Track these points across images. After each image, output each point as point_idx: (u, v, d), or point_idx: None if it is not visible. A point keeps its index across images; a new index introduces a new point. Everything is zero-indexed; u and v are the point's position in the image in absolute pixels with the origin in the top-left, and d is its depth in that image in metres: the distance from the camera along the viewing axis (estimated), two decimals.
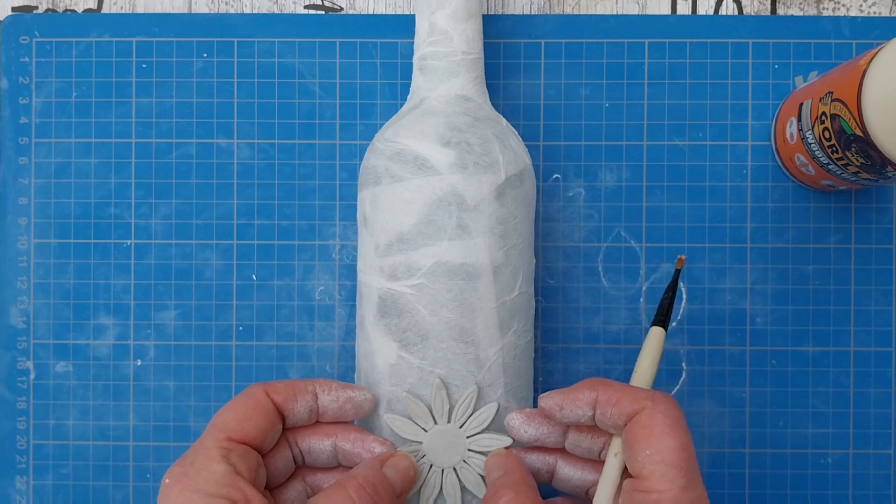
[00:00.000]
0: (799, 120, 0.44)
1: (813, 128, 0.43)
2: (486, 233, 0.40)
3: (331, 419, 0.40)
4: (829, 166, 0.43)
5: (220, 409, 0.37)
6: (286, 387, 0.38)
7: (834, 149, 0.41)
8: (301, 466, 0.41)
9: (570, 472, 0.40)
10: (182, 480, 0.34)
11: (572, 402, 0.37)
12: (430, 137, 0.41)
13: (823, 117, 0.41)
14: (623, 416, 0.36)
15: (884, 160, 0.38)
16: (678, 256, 0.42)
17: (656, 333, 0.39)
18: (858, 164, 0.40)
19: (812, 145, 0.43)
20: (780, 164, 0.48)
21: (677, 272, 0.40)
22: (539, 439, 0.40)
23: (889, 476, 0.48)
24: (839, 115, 0.39)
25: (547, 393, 0.38)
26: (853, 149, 0.40)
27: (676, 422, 0.35)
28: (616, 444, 0.37)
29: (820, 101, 0.42)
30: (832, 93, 0.40)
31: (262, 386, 0.38)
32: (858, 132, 0.38)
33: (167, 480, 0.34)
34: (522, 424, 0.40)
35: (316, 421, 0.40)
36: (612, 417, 0.36)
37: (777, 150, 0.48)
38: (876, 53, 0.38)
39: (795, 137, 0.45)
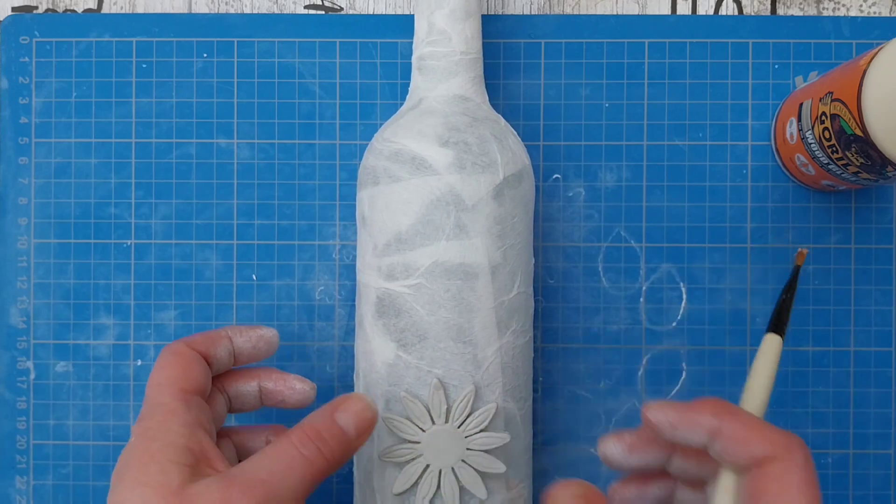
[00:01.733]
0: (799, 120, 0.44)
1: (813, 128, 0.43)
2: (484, 233, 0.40)
3: (247, 360, 0.41)
4: (829, 166, 0.43)
5: (154, 370, 0.38)
6: (203, 337, 0.40)
7: (834, 149, 0.41)
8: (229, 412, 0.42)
9: (687, 497, 0.37)
10: (148, 436, 0.34)
11: (689, 426, 0.33)
12: (429, 137, 0.41)
13: (823, 117, 0.41)
14: (750, 459, 0.32)
15: (884, 160, 0.38)
16: (798, 250, 0.38)
17: (773, 343, 0.35)
18: (858, 164, 0.40)
19: (812, 145, 0.43)
20: (780, 164, 0.48)
21: (797, 269, 0.37)
22: (642, 467, 0.37)
23: (889, 476, 0.48)
24: (839, 115, 0.39)
25: (657, 404, 0.34)
26: (853, 149, 0.39)
27: (811, 481, 0.31)
28: (728, 480, 0.33)
29: (820, 101, 0.42)
30: (832, 93, 0.40)
31: (181, 341, 0.39)
32: (858, 132, 0.38)
33: (132, 439, 0.34)
34: (624, 455, 0.36)
35: (234, 363, 0.41)
36: (735, 456, 0.32)
37: (777, 150, 0.48)
38: (876, 53, 0.38)
39: (795, 137, 0.45)
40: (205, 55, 0.50)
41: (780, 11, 0.50)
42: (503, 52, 0.49)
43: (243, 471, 0.33)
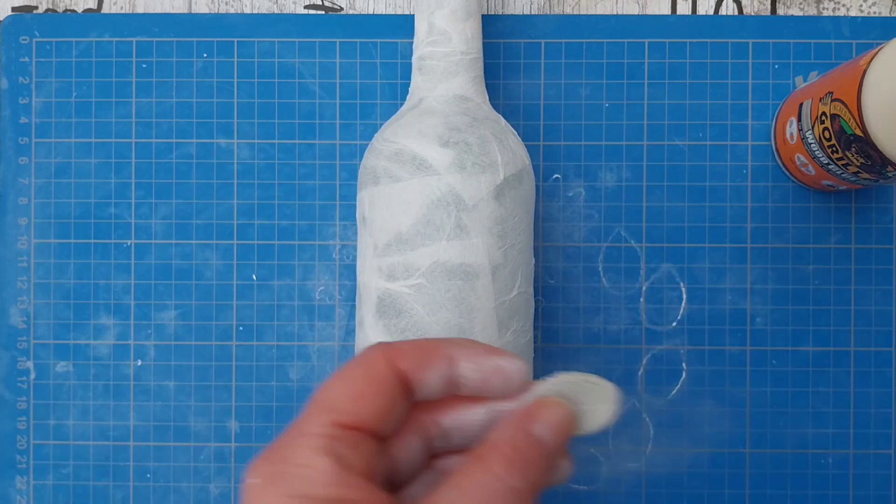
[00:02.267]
0: (799, 120, 0.44)
1: (813, 128, 0.43)
2: (485, 233, 0.40)
3: (470, 393, 0.30)
4: (829, 166, 0.43)
5: (327, 382, 0.29)
6: (416, 350, 0.29)
7: (834, 149, 0.41)
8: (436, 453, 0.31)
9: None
10: (276, 482, 0.26)
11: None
12: (429, 137, 0.41)
13: (823, 117, 0.41)
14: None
15: (884, 160, 0.38)
16: None
17: None
18: (858, 164, 0.40)
19: (812, 145, 0.43)
20: (780, 164, 0.48)
21: None
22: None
23: (889, 476, 0.48)
24: (839, 115, 0.39)
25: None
26: (853, 149, 0.39)
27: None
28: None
29: (820, 101, 0.42)
30: (832, 93, 0.40)
31: (384, 350, 0.29)
32: (858, 132, 0.38)
33: (257, 480, 0.26)
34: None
35: (453, 395, 0.30)
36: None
37: (777, 150, 0.48)
38: (876, 53, 0.38)
39: (795, 137, 0.45)
40: (205, 55, 0.50)
41: (780, 11, 0.50)
42: (503, 52, 0.49)
43: None
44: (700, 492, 0.48)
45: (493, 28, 0.49)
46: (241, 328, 0.49)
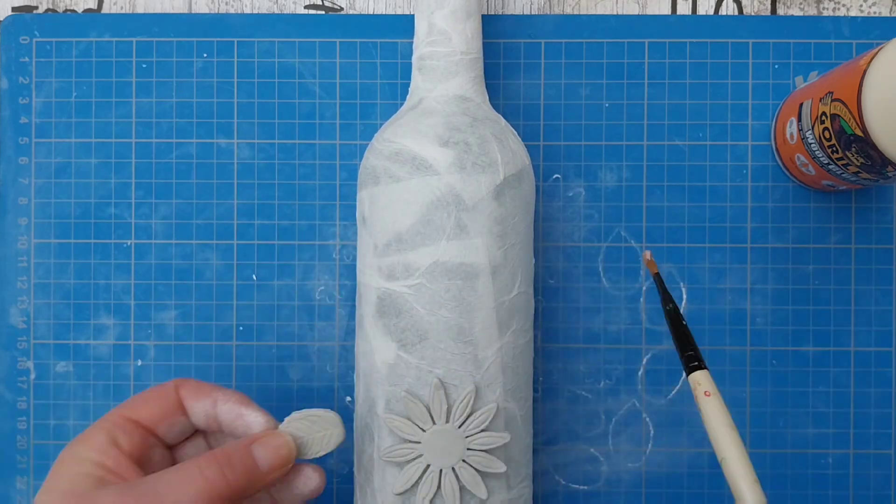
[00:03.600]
0: (799, 120, 0.44)
1: (813, 128, 0.43)
2: (485, 233, 0.40)
3: (226, 430, 0.40)
4: (830, 166, 0.43)
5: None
6: (194, 386, 0.40)
7: (834, 149, 0.41)
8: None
9: None
10: (72, 446, 0.37)
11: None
12: (429, 137, 0.41)
13: (823, 117, 0.41)
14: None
15: (884, 160, 0.38)
16: (644, 254, 0.41)
17: (704, 382, 0.37)
18: (858, 164, 0.40)
19: (812, 145, 0.43)
20: (781, 164, 0.48)
21: (656, 277, 0.39)
22: None
23: (889, 476, 0.48)
24: (839, 115, 0.39)
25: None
26: (853, 149, 0.39)
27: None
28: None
29: (820, 101, 0.42)
30: (832, 93, 0.40)
31: (178, 381, 0.40)
32: (858, 132, 0.38)
33: (60, 454, 0.38)
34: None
35: (214, 425, 0.41)
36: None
37: (777, 150, 0.48)
38: (876, 53, 0.38)
39: (795, 137, 0.45)
40: (205, 55, 0.50)
41: (780, 11, 0.50)
42: (503, 52, 0.49)
43: (144, 482, 0.35)
44: (700, 492, 0.48)
45: (493, 28, 0.49)
46: (241, 328, 0.49)
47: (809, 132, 0.43)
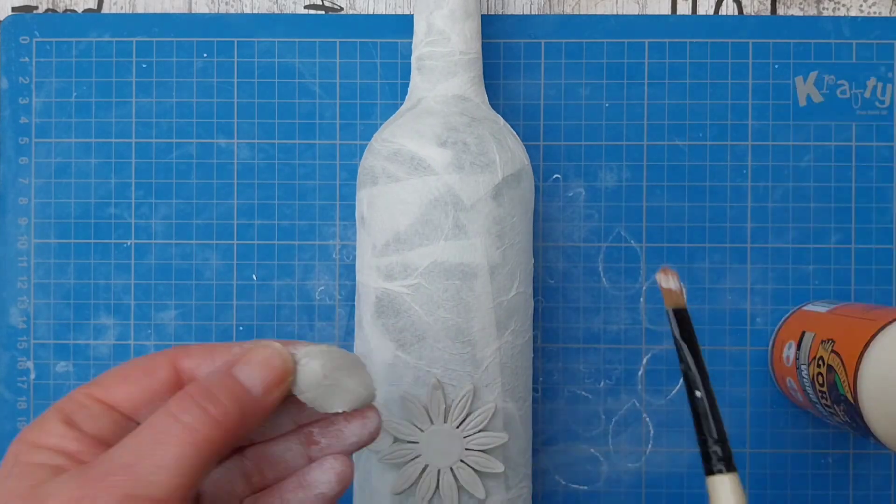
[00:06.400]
0: (798, 348, 0.43)
1: (809, 365, 0.41)
2: (483, 233, 0.40)
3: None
4: (817, 405, 0.42)
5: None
6: (203, 349, 0.31)
7: (824, 396, 0.40)
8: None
9: None
10: (23, 433, 0.29)
11: None
12: (427, 137, 0.41)
13: (820, 362, 0.40)
14: None
15: (870, 432, 0.37)
16: (662, 278, 0.32)
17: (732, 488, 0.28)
18: (844, 421, 0.39)
19: (805, 379, 0.42)
20: (771, 372, 0.48)
21: (683, 320, 0.30)
22: None
23: (889, 476, 0.48)
24: (835, 371, 0.38)
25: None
26: (842, 407, 0.38)
27: None
28: None
29: (822, 343, 0.40)
30: (834, 341, 0.39)
31: (170, 351, 0.30)
32: (850, 398, 0.37)
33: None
34: None
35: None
36: None
37: (772, 364, 0.47)
38: (883, 327, 0.36)
39: (791, 361, 0.44)
40: (205, 55, 0.50)
41: (780, 11, 0.50)
42: (503, 52, 0.49)
43: (105, 457, 0.26)
44: (700, 492, 0.48)
45: (493, 28, 0.49)
46: (241, 328, 0.49)
47: (805, 367, 0.42)
